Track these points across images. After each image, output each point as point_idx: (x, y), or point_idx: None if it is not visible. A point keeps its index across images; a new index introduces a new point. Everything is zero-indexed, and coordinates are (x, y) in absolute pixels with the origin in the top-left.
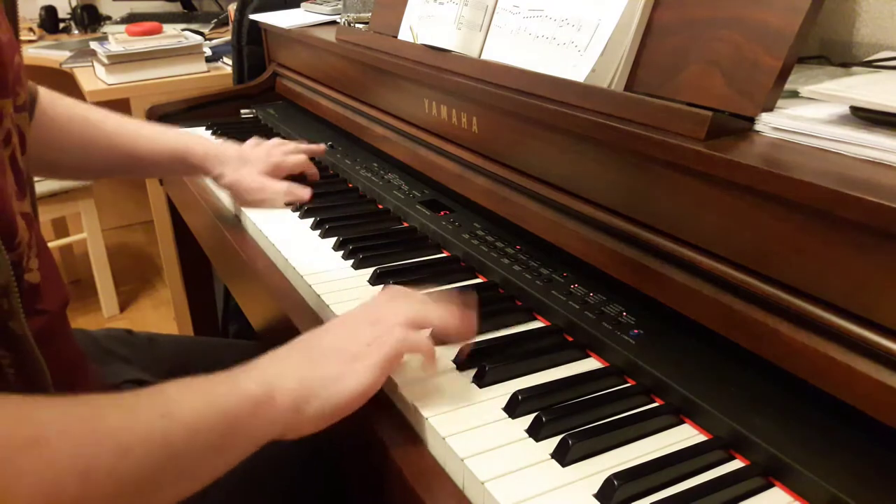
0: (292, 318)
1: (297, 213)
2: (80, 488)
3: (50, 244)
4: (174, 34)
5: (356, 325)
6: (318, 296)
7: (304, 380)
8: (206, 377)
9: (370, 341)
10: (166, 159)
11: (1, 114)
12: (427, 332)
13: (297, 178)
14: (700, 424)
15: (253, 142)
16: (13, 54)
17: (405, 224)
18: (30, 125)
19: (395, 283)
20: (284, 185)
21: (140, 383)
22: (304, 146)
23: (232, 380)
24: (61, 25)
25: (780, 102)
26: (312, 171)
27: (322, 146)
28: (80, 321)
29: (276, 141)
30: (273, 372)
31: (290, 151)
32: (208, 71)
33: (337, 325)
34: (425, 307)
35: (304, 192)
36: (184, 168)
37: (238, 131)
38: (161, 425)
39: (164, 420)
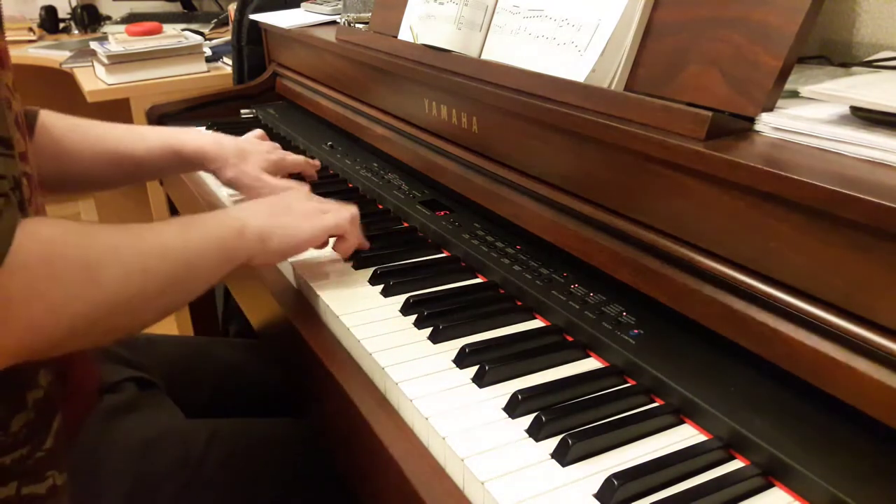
0: (292, 318)
1: None
2: (142, 281)
3: None
4: (174, 34)
5: (309, 199)
6: (318, 296)
7: (267, 223)
8: (198, 215)
9: (322, 210)
10: (161, 155)
11: None
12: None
13: (297, 178)
14: (700, 424)
15: (251, 135)
16: (2, 36)
17: (405, 224)
18: (31, 142)
19: (396, 283)
20: (285, 184)
21: (140, 383)
22: (303, 158)
23: (218, 217)
24: (61, 25)
25: (780, 102)
26: (311, 172)
27: (317, 162)
28: None
29: (271, 145)
30: (246, 214)
31: (287, 154)
32: (208, 71)
33: (296, 192)
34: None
35: (306, 190)
36: (179, 163)
37: (238, 131)
38: (181, 243)
39: (182, 239)
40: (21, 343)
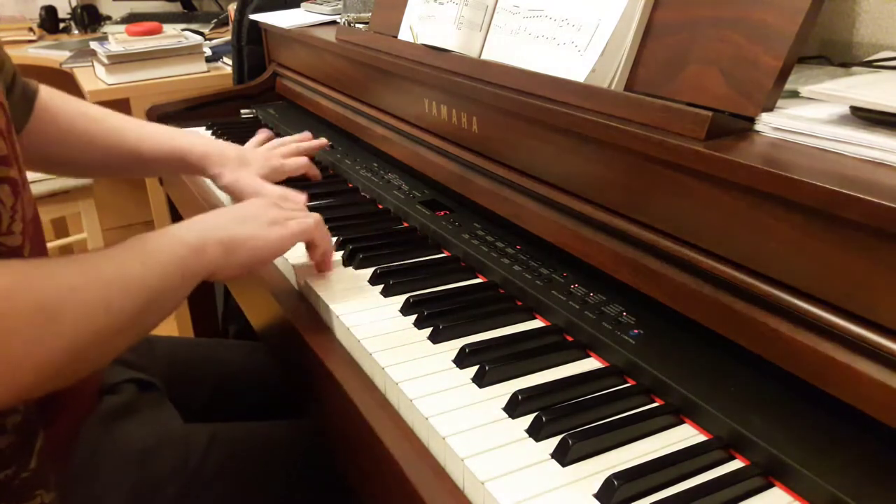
0: (292, 318)
1: None
2: (105, 318)
3: (50, 244)
4: (174, 34)
5: (270, 205)
6: (319, 296)
7: (231, 234)
8: (155, 232)
9: (286, 217)
10: (166, 157)
11: None
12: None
13: (298, 177)
14: (700, 424)
15: (255, 140)
16: None
17: (405, 224)
18: (29, 118)
19: (396, 283)
20: (279, 191)
21: (139, 383)
22: (305, 144)
23: (177, 235)
24: (61, 25)
25: (780, 102)
26: (314, 172)
27: (323, 140)
28: None
29: (276, 141)
30: (208, 227)
31: (289, 153)
32: (208, 71)
33: (257, 201)
34: (324, 227)
35: (300, 199)
36: (183, 167)
37: (238, 131)
38: (140, 271)
39: (143, 267)
40: None
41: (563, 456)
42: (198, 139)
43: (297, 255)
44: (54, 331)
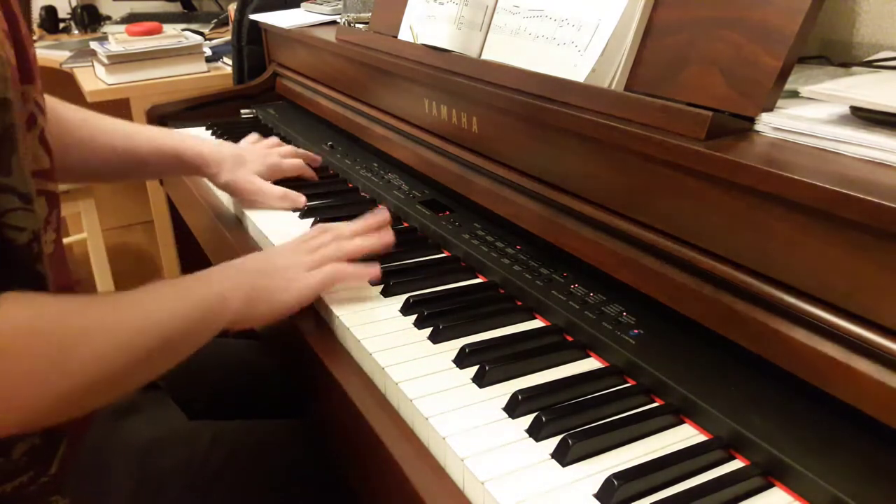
0: (293, 318)
1: (298, 214)
2: (112, 362)
3: None
4: (174, 34)
5: (298, 252)
6: (320, 297)
7: (254, 286)
8: (184, 277)
9: (310, 266)
10: (164, 158)
11: (26, 98)
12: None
13: (294, 179)
14: (700, 424)
15: (251, 139)
16: (31, 46)
17: (405, 224)
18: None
19: (396, 283)
20: (280, 191)
21: None
22: (302, 151)
23: (205, 281)
24: (61, 25)
25: (780, 102)
26: (310, 174)
27: (318, 158)
28: None
29: (273, 140)
30: (234, 276)
31: (287, 154)
32: (208, 71)
33: (284, 249)
34: (352, 244)
35: (300, 199)
36: (180, 167)
37: (238, 131)
38: (164, 315)
39: (163, 311)
40: None
41: (563, 456)
42: (193, 139)
43: None
44: (62, 372)
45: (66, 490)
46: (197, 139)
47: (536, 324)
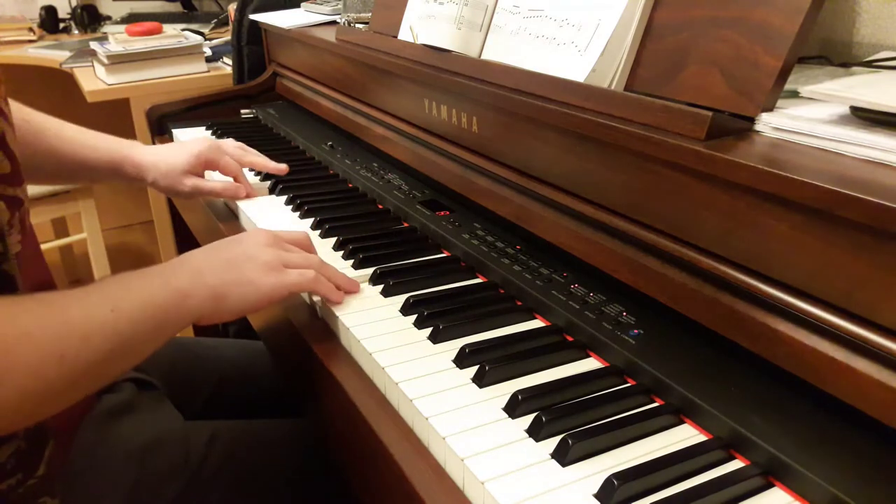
0: (292, 318)
1: (298, 214)
2: (57, 370)
3: (50, 244)
4: (174, 34)
5: (274, 244)
6: (321, 298)
7: (222, 279)
8: (141, 271)
9: (284, 262)
10: (104, 167)
11: None
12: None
13: (296, 174)
14: (700, 424)
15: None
16: None
17: (405, 224)
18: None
19: (396, 283)
20: (219, 186)
21: (138, 383)
22: (261, 161)
23: (163, 276)
24: (61, 25)
25: (780, 102)
26: (233, 191)
27: (283, 166)
28: None
29: (231, 140)
30: (198, 269)
31: (237, 156)
32: (208, 71)
33: (256, 238)
34: (323, 270)
35: (240, 192)
36: (118, 177)
37: (238, 132)
38: (112, 318)
39: (113, 314)
40: None
41: (563, 456)
42: (132, 149)
43: None
44: (0, 378)
45: (55, 491)
46: (139, 147)
47: (536, 324)
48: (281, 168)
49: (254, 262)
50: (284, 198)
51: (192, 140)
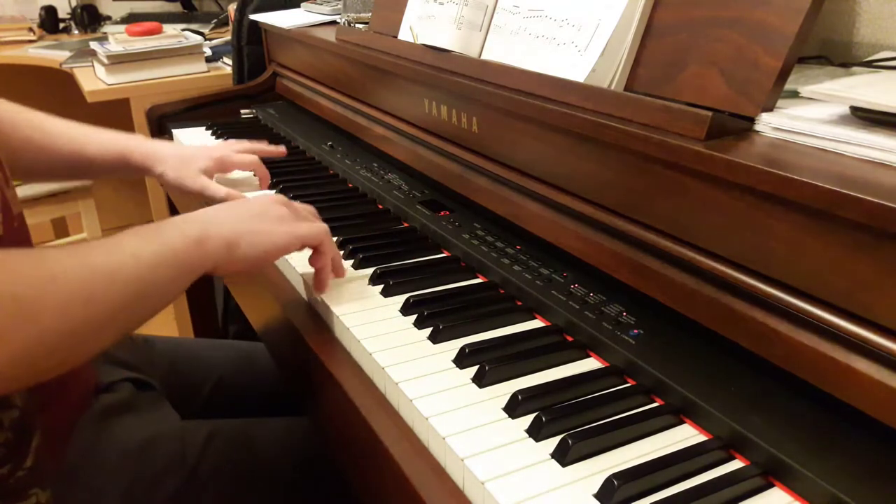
0: (292, 317)
1: None
2: (84, 312)
3: (50, 244)
4: (174, 34)
5: (283, 204)
6: (320, 297)
7: (235, 228)
8: (156, 224)
9: (296, 217)
10: (111, 160)
11: None
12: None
13: (294, 175)
14: (700, 424)
15: (220, 142)
16: None
17: (405, 224)
18: None
19: (396, 283)
20: (223, 191)
21: (136, 383)
22: (259, 146)
23: (177, 227)
24: (61, 25)
25: (780, 102)
26: (263, 172)
27: (282, 148)
28: None
29: (233, 142)
30: (210, 220)
31: (243, 150)
32: (208, 71)
33: (267, 197)
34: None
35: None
36: (126, 169)
37: (238, 132)
38: (132, 262)
39: (133, 259)
40: None
41: (563, 456)
42: (139, 140)
43: (309, 270)
44: (29, 321)
45: (45, 483)
46: (144, 139)
47: (536, 324)
48: (280, 150)
49: (266, 215)
50: None
51: (204, 146)
